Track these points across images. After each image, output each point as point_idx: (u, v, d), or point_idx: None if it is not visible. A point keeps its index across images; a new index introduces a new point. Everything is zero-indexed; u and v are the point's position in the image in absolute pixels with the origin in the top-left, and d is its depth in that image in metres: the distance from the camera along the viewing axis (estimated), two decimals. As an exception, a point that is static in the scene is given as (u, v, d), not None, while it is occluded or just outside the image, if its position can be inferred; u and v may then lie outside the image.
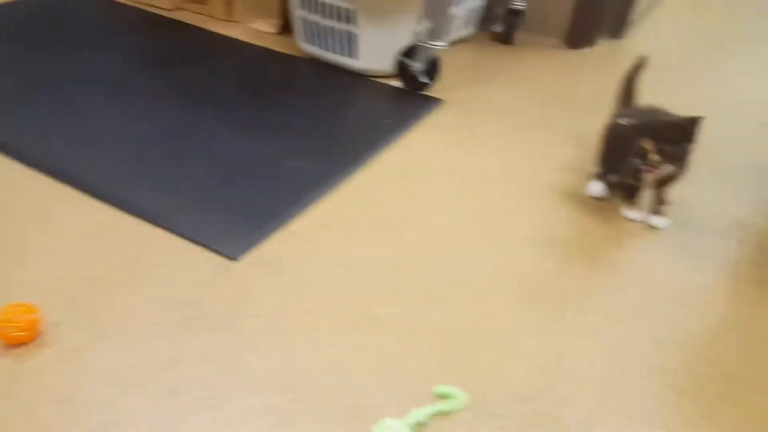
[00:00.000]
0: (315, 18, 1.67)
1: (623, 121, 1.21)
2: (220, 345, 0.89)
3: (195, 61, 1.74)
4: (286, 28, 1.91)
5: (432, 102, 1.61)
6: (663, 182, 1.17)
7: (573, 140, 1.47)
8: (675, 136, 1.08)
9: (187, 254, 1.05)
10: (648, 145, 1.09)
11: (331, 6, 1.61)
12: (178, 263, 1.03)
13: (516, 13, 1.91)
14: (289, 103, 1.56)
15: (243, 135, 1.40)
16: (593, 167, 1.29)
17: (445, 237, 1.14)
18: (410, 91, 1.65)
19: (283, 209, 1.16)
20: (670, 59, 1.98)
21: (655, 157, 1.09)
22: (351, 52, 1.67)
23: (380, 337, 0.92)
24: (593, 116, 1.38)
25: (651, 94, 1.26)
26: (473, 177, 1.32)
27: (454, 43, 1.95)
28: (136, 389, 0.82)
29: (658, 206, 1.21)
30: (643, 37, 2.16)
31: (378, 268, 1.05)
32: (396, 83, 1.68)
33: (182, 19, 1.99)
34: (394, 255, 1.08)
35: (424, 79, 1.62)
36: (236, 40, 1.88)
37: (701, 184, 1.34)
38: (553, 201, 1.26)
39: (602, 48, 2.03)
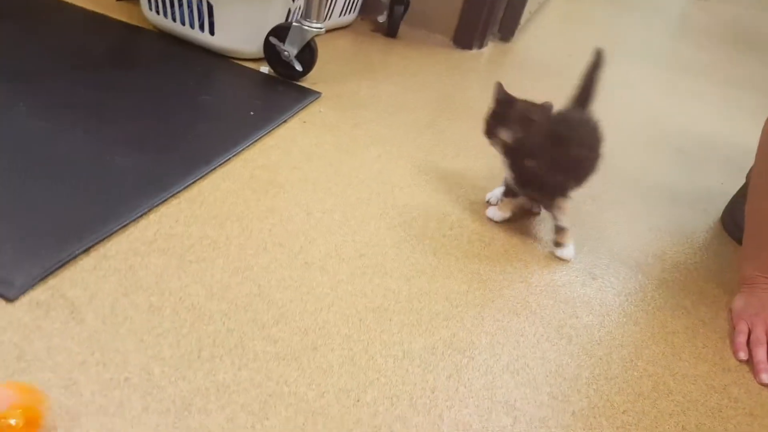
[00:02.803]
0: (163, -19, 1.30)
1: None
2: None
3: (3, 23, 1.29)
4: (131, -7, 1.51)
5: (307, 94, 1.30)
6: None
7: (464, 149, 1.25)
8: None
9: (-72, 293, 0.66)
10: None
11: (185, -33, 1.25)
12: None
13: (401, 3, 1.66)
14: (124, 82, 1.18)
15: (54, 119, 1.00)
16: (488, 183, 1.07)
17: (313, 266, 0.84)
18: (282, 80, 1.34)
19: (95, 224, 0.80)
20: (557, 64, 1.84)
21: None
22: (206, 25, 1.32)
23: (218, 420, 0.61)
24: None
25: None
26: (351, 190, 1.03)
27: (333, 29, 1.66)
28: None
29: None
30: (531, 41, 2.01)
31: (218, 309, 0.73)
32: (265, 68, 1.36)
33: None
34: (242, 291, 0.77)
35: (298, 67, 1.31)
36: (66, 3, 1.45)
37: (616, 209, 1.16)
38: (447, 224, 1.01)
39: (491, 50, 1.84)
